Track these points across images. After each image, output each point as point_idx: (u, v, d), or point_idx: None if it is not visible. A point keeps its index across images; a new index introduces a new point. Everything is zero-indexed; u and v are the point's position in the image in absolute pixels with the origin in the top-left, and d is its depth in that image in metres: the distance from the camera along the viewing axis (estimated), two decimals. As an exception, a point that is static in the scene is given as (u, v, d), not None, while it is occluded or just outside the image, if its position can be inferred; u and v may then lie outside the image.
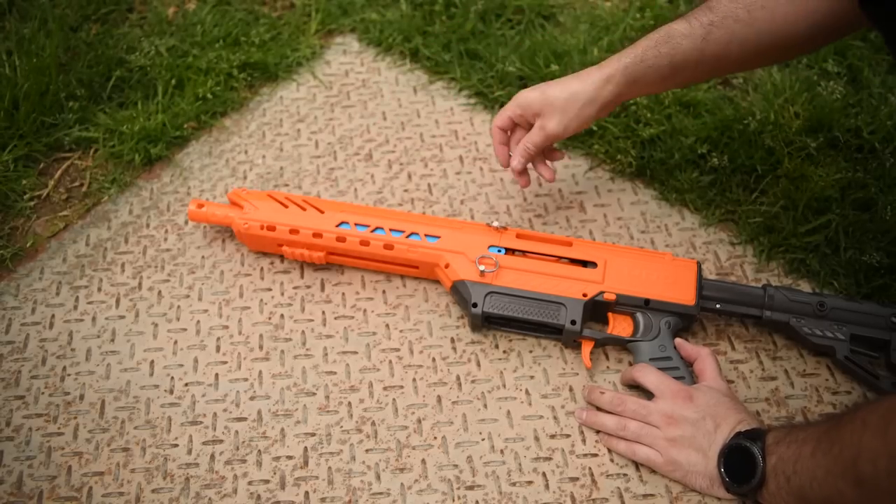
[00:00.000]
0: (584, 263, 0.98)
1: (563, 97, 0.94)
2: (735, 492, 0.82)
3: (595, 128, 1.17)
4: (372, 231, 0.99)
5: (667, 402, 0.87)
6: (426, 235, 0.99)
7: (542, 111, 0.96)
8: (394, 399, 0.93)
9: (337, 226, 1.00)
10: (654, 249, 1.06)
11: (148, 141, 1.16)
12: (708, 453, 0.83)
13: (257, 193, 1.03)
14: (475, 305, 0.95)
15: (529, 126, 0.99)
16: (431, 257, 0.99)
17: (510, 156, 1.01)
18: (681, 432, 0.85)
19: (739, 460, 0.80)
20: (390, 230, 0.99)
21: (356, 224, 1.00)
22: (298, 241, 1.00)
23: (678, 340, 0.94)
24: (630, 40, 1.19)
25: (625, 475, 0.87)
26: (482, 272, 0.96)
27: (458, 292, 0.97)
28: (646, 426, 0.87)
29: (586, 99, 0.94)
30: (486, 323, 0.97)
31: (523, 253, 0.99)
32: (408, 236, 0.99)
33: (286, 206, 1.01)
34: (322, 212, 1.01)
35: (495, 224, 1.00)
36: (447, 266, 0.98)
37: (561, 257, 0.99)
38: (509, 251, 0.99)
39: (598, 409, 0.91)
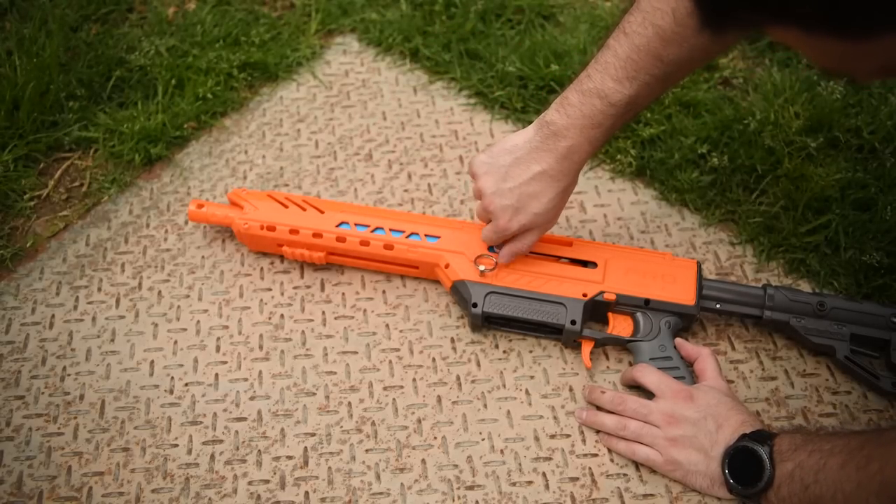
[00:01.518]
0: (585, 263, 0.98)
1: (559, 206, 0.92)
2: (738, 493, 0.81)
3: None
4: (372, 231, 0.99)
5: (667, 401, 0.87)
6: (426, 235, 0.99)
7: (539, 225, 0.93)
8: (394, 399, 0.93)
9: (337, 226, 1.00)
10: (654, 249, 1.06)
11: (148, 141, 1.16)
12: (710, 453, 0.83)
13: (257, 193, 1.03)
14: (475, 305, 0.95)
15: None
16: (431, 257, 0.98)
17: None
18: (681, 432, 0.85)
19: (745, 462, 0.80)
20: (390, 230, 0.99)
21: (356, 224, 1.00)
22: (298, 242, 1.00)
23: (678, 340, 0.94)
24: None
25: (625, 475, 0.87)
26: (482, 272, 0.96)
27: (458, 292, 0.97)
28: (646, 426, 0.86)
29: (568, 196, 0.93)
30: (486, 323, 0.97)
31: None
32: (408, 236, 0.99)
33: (286, 207, 1.01)
34: (322, 212, 1.01)
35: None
36: (447, 266, 0.98)
37: (561, 257, 0.99)
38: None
39: (599, 408, 0.91)
